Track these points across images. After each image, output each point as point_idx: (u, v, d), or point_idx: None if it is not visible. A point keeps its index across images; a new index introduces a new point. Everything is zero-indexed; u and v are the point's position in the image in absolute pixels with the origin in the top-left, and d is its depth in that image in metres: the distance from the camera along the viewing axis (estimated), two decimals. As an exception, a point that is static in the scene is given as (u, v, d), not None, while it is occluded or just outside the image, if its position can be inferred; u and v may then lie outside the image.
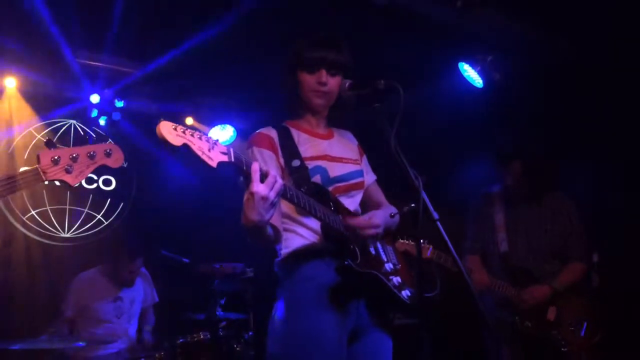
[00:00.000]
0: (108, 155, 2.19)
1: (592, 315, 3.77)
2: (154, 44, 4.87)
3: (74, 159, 2.12)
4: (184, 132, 1.78)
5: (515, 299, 3.72)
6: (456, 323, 4.39)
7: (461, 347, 4.70)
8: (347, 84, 2.39)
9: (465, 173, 5.03)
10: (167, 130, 1.75)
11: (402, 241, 2.94)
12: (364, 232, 2.26)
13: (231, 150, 1.89)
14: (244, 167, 1.93)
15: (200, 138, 1.81)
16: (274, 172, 1.97)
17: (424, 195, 2.02)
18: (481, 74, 4.68)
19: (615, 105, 4.38)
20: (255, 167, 1.93)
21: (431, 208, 2.03)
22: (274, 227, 2.21)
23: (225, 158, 1.87)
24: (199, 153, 1.79)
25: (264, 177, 1.94)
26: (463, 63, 4.73)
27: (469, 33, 4.28)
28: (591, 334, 3.72)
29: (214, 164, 1.83)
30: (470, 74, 4.75)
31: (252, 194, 1.92)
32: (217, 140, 1.86)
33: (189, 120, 5.86)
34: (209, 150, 1.82)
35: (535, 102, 4.68)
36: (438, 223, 2.03)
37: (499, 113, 4.77)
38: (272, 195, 1.93)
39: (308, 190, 2.20)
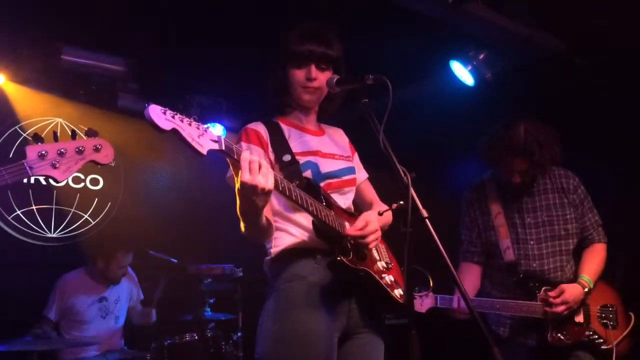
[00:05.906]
0: (97, 150, 2.11)
1: (619, 300, 3.28)
2: (143, 41, 4.80)
3: (62, 154, 2.04)
4: (173, 117, 1.76)
5: (539, 313, 3.08)
6: (448, 324, 4.33)
7: (453, 349, 4.65)
8: (334, 80, 2.33)
9: (457, 172, 4.96)
10: (156, 114, 1.72)
11: None
12: (365, 241, 2.20)
13: (222, 138, 1.88)
14: (235, 156, 1.91)
15: (190, 124, 1.80)
16: (265, 161, 1.94)
17: (413, 193, 1.97)
18: (472, 72, 4.62)
19: (611, 102, 4.34)
20: (245, 156, 1.90)
21: (420, 206, 1.98)
22: (266, 219, 2.17)
23: (215, 146, 1.86)
24: (189, 139, 1.78)
25: (253, 166, 1.90)
26: (453, 61, 4.67)
27: (461, 30, 4.23)
28: (624, 320, 3.24)
29: (204, 151, 1.82)
30: (461, 73, 4.68)
31: (242, 183, 1.89)
32: (208, 127, 1.84)
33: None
34: (199, 136, 1.81)
35: (527, 99, 4.64)
36: (427, 221, 1.98)
37: (490, 111, 4.72)
38: (261, 182, 1.89)
39: (300, 184, 2.16)
